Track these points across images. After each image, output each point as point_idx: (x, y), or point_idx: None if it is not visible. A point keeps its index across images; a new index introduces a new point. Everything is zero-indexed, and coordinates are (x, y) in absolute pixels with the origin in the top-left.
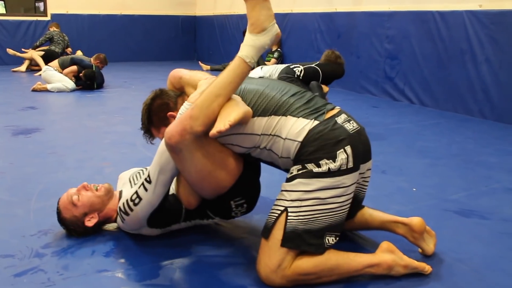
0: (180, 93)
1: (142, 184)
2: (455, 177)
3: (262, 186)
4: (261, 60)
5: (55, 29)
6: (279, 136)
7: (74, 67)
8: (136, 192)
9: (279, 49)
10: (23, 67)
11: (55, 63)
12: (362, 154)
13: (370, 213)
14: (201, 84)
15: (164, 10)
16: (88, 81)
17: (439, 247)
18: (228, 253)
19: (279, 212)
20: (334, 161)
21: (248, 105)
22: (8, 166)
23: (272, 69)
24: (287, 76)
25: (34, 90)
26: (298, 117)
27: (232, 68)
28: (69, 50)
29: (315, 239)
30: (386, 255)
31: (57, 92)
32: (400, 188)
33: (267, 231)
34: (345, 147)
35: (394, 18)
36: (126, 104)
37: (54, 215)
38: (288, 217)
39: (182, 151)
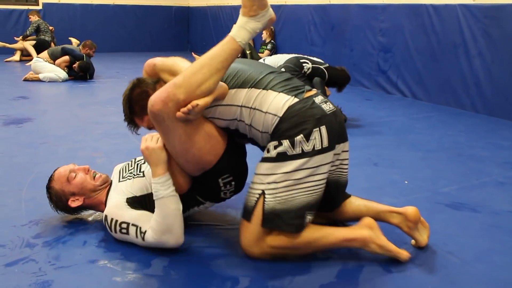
0: (157, 79)
1: (137, 229)
2: (446, 170)
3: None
4: (255, 53)
5: (37, 18)
6: (260, 110)
7: (67, 57)
8: (128, 227)
9: (272, 41)
10: (16, 57)
11: (45, 54)
12: (337, 134)
13: (365, 203)
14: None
15: (157, 0)
16: (82, 73)
17: (430, 239)
18: (220, 245)
19: (257, 195)
20: (308, 141)
21: (227, 78)
22: None
23: (277, 59)
24: (294, 69)
25: (26, 80)
26: (279, 92)
27: (221, 43)
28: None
29: (296, 219)
30: (364, 230)
31: (49, 81)
32: (392, 181)
33: (248, 214)
34: (321, 127)
35: (388, 11)
36: (118, 95)
37: (45, 205)
38: (266, 199)
39: (165, 120)
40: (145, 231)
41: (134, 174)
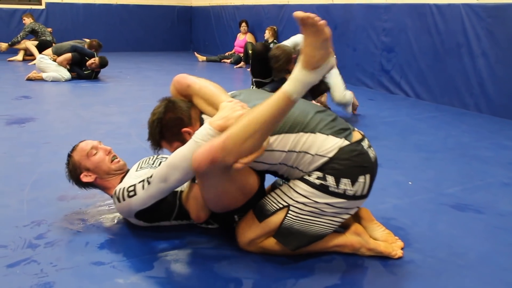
0: (191, 104)
1: (144, 181)
2: (450, 171)
3: None
4: None
5: (31, 20)
6: (308, 153)
7: (69, 55)
8: (135, 186)
9: (275, 40)
10: (19, 57)
11: (49, 51)
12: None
13: None
14: (224, 106)
15: (159, 0)
16: (100, 69)
17: (434, 241)
18: (223, 246)
19: (281, 205)
20: (353, 186)
21: None
22: (2, 155)
23: None
24: None
25: (29, 79)
26: (328, 135)
27: (276, 103)
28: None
29: (303, 244)
30: (353, 237)
31: (51, 81)
32: (395, 182)
33: (262, 215)
34: (366, 175)
35: (391, 10)
36: (121, 95)
37: (47, 206)
38: (288, 215)
39: (208, 175)
40: (151, 175)
41: (151, 165)
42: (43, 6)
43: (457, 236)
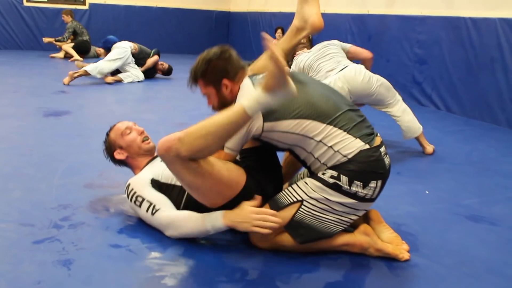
0: (245, 65)
1: (150, 206)
2: (470, 184)
3: None
4: None
5: (71, 18)
6: (331, 148)
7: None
8: (143, 200)
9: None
10: (61, 54)
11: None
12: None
13: None
14: (264, 56)
15: (198, 5)
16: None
17: (442, 248)
18: (234, 238)
19: (295, 199)
20: (364, 188)
21: (300, 106)
22: (37, 144)
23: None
24: None
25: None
26: (355, 138)
27: (232, 114)
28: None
29: (312, 238)
30: (362, 237)
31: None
32: (412, 190)
33: (276, 207)
34: (378, 181)
35: (426, 22)
36: (154, 94)
37: (74, 192)
38: (300, 209)
39: (171, 165)
40: (159, 209)
41: None
42: (86, 7)
43: (467, 245)
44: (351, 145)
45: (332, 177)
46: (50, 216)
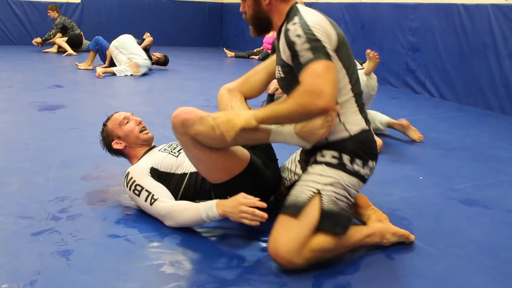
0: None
1: (149, 194)
2: (464, 168)
3: None
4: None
5: (57, 13)
6: (339, 118)
7: None
8: (141, 189)
9: None
10: (53, 49)
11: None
12: None
13: None
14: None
15: None
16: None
17: (436, 231)
18: (231, 226)
19: (311, 193)
20: (363, 167)
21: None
22: (33, 138)
23: None
24: None
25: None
26: (362, 116)
27: (259, 131)
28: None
29: (347, 221)
30: (377, 224)
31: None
32: (407, 176)
33: (296, 209)
34: (373, 161)
35: (419, 10)
36: (149, 86)
37: (71, 184)
38: (322, 199)
39: (178, 134)
40: (157, 199)
41: (170, 151)
42: (79, 0)
43: (461, 228)
44: (356, 122)
45: (333, 157)
46: (48, 208)
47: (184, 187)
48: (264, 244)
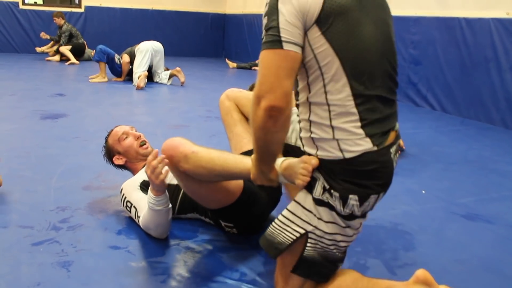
0: None
1: (136, 211)
2: (466, 182)
3: None
4: None
5: (63, 21)
6: (332, 127)
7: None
8: (131, 206)
9: None
10: (56, 57)
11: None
12: None
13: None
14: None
15: (194, 7)
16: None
17: (439, 247)
18: (233, 240)
19: (297, 235)
20: (361, 205)
21: (360, 44)
22: (34, 146)
23: None
24: None
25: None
26: (366, 136)
27: (241, 167)
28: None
29: (330, 270)
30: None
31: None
32: (409, 190)
33: (275, 250)
34: (380, 194)
35: (420, 23)
36: (151, 96)
37: (72, 194)
38: (308, 244)
39: (169, 165)
40: (140, 215)
41: None
42: (82, 9)
43: (464, 243)
44: (355, 143)
45: (323, 191)
46: (49, 218)
47: (181, 198)
48: (265, 258)
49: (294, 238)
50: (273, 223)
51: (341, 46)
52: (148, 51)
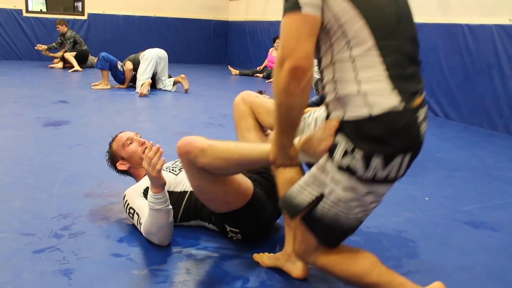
0: None
1: (139, 218)
2: (470, 189)
3: None
4: None
5: (66, 28)
6: (356, 81)
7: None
8: (134, 212)
9: None
10: (60, 64)
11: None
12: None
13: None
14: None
15: (197, 14)
16: None
17: (443, 254)
18: (236, 247)
19: (313, 197)
20: (384, 167)
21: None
22: (37, 154)
23: None
24: None
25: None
26: (394, 88)
27: (260, 152)
28: None
29: (335, 239)
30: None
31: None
32: (412, 197)
33: (293, 210)
34: (406, 155)
35: (423, 30)
36: (154, 103)
37: (75, 201)
38: (320, 203)
39: (184, 164)
40: (142, 222)
41: (170, 169)
42: (85, 17)
43: (468, 251)
44: (382, 95)
45: (344, 153)
46: (51, 225)
47: (184, 205)
48: (268, 268)
49: (311, 200)
50: (293, 186)
51: (360, 2)
52: (153, 59)
